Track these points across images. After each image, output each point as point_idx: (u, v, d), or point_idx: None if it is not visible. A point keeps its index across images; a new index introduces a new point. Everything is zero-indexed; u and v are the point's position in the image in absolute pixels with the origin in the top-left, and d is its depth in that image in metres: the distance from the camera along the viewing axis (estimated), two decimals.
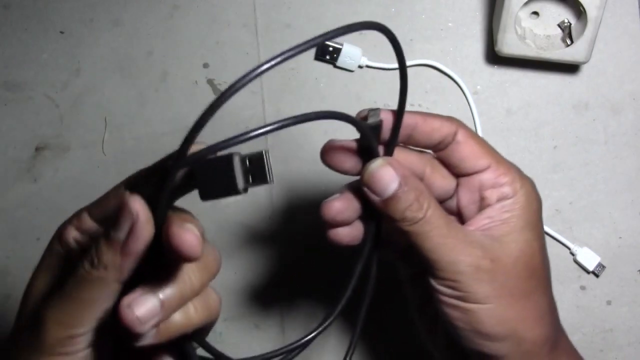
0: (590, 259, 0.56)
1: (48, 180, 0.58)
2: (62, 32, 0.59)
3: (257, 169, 0.27)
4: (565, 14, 0.55)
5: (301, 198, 0.58)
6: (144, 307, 0.28)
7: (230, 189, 0.27)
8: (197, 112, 0.61)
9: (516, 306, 0.35)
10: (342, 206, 0.36)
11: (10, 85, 0.59)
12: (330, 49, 0.56)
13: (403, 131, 0.36)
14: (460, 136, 0.37)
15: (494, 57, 0.56)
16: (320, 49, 0.57)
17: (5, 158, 0.58)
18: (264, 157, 0.27)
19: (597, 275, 0.56)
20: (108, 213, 0.31)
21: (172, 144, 0.61)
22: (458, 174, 0.38)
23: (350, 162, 0.36)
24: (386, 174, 0.34)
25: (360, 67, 0.57)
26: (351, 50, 0.57)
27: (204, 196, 0.28)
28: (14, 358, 0.32)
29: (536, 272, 0.36)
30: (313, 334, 0.35)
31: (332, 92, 0.57)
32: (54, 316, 0.30)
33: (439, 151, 0.37)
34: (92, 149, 0.58)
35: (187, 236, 0.28)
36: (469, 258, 0.34)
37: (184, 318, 0.31)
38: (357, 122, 0.33)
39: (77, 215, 0.33)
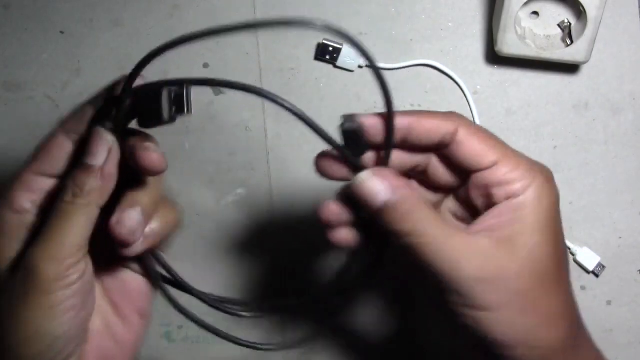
0: (590, 259, 0.56)
1: None
2: (62, 32, 0.59)
3: (179, 101, 0.31)
4: (565, 14, 0.55)
5: (301, 198, 0.58)
6: (131, 219, 0.33)
7: (159, 118, 0.31)
8: (198, 112, 0.61)
9: (526, 312, 0.34)
10: (337, 208, 0.36)
11: (10, 85, 0.59)
12: (330, 49, 0.56)
13: (397, 135, 0.34)
14: (462, 134, 0.35)
15: (494, 57, 0.56)
16: (321, 49, 0.57)
17: (6, 158, 0.58)
18: (184, 90, 0.31)
19: (597, 275, 0.56)
20: (60, 161, 0.34)
21: (172, 144, 0.61)
22: (466, 171, 0.36)
23: (343, 171, 0.36)
24: (374, 186, 0.34)
25: (360, 67, 0.57)
26: (351, 51, 0.56)
27: (141, 124, 0.33)
28: (4, 311, 0.33)
29: (547, 276, 0.35)
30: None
31: (332, 92, 0.57)
32: (45, 254, 0.32)
33: (442, 150, 0.36)
34: None
35: (152, 156, 0.33)
36: (469, 266, 0.33)
37: (160, 224, 0.35)
38: (323, 134, 0.32)
39: (22, 179, 0.35)
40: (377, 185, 0.34)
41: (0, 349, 0.34)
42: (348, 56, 0.57)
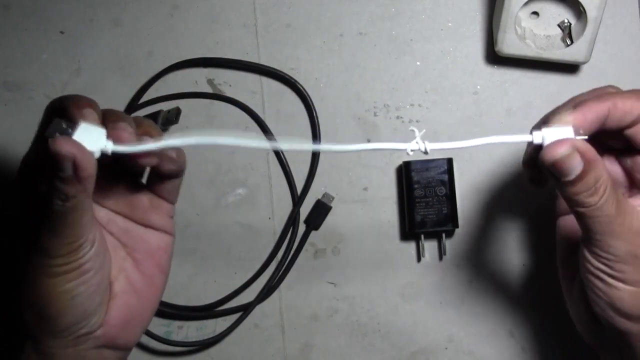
0: None
1: None
2: (62, 32, 0.59)
3: (171, 118, 0.47)
4: (565, 14, 0.55)
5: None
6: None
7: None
8: (197, 111, 0.60)
9: None
10: None
11: (10, 85, 0.59)
12: None
13: (592, 126, 0.36)
14: None
15: (494, 57, 0.56)
16: None
17: (6, 158, 0.58)
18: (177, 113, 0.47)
19: None
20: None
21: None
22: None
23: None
24: (573, 160, 0.35)
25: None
26: None
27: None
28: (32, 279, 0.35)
29: None
30: None
31: (332, 91, 0.57)
32: (54, 245, 0.34)
33: (624, 129, 0.38)
34: None
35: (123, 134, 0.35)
36: (629, 246, 0.35)
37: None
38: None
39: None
40: (576, 159, 0.35)
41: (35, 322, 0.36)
42: None
